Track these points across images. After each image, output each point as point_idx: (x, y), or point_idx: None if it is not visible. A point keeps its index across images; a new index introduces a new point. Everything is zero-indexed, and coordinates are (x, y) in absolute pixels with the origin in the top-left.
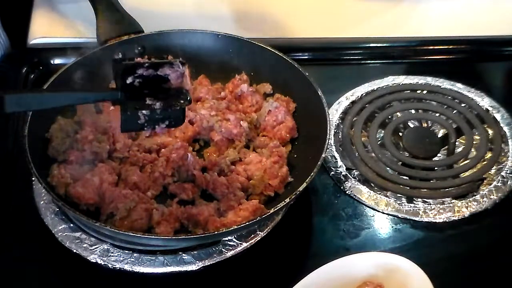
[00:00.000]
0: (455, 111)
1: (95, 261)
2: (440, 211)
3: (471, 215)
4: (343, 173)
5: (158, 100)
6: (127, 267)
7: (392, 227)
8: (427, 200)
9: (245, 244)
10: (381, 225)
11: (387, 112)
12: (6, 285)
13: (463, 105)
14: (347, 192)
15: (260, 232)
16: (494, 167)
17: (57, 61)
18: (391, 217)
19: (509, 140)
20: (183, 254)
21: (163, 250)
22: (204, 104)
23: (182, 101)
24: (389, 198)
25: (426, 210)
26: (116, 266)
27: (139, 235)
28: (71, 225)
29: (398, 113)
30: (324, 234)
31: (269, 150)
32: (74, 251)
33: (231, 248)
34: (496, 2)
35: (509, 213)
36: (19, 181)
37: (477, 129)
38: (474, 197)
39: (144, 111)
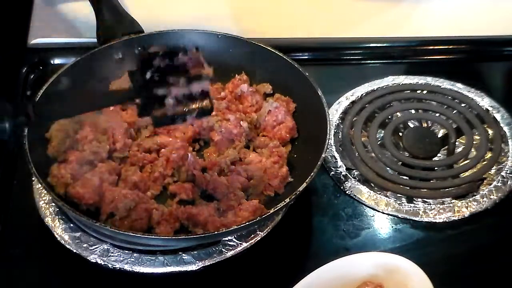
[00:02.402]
0: (455, 111)
1: (95, 261)
2: (440, 211)
3: (471, 215)
4: (343, 173)
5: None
6: (127, 267)
7: (392, 227)
8: (427, 200)
9: (245, 244)
10: (381, 225)
11: (387, 112)
12: (6, 285)
13: (463, 105)
14: (347, 192)
15: (260, 232)
16: (494, 167)
17: (57, 61)
18: (391, 217)
19: (509, 140)
20: (183, 254)
21: (163, 250)
22: None
23: (204, 82)
24: (389, 198)
25: (426, 210)
26: (116, 266)
27: (139, 235)
28: (71, 225)
29: (398, 113)
30: (324, 234)
31: (269, 150)
32: (74, 251)
33: (231, 248)
34: (496, 2)
35: (509, 213)
36: (19, 181)
37: (477, 129)
38: (474, 197)
39: (170, 100)
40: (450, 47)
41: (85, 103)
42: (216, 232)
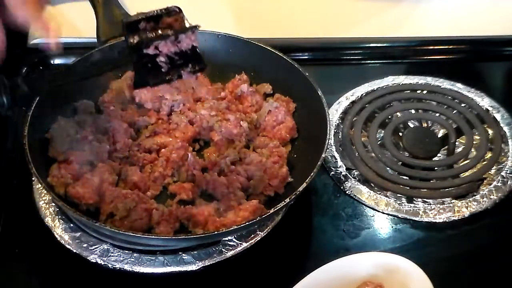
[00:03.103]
0: (455, 111)
1: (95, 261)
2: (440, 211)
3: (471, 215)
4: (343, 173)
5: (167, 39)
6: (127, 267)
7: (392, 227)
8: (427, 200)
9: (245, 244)
10: (381, 225)
11: (387, 112)
12: (6, 285)
13: (463, 105)
14: (347, 192)
15: (260, 232)
16: (494, 167)
17: (57, 61)
18: (391, 217)
19: (509, 140)
20: (183, 254)
21: (163, 250)
22: (204, 104)
23: (191, 33)
24: (389, 198)
25: (426, 210)
26: (116, 266)
27: (139, 235)
28: (71, 225)
29: (398, 113)
30: (324, 234)
31: (269, 150)
32: (74, 251)
33: (231, 248)
34: (496, 2)
35: (509, 213)
36: (19, 181)
37: (477, 129)
38: (474, 197)
39: (162, 58)
40: (450, 47)
41: (77, 72)
42: (216, 232)
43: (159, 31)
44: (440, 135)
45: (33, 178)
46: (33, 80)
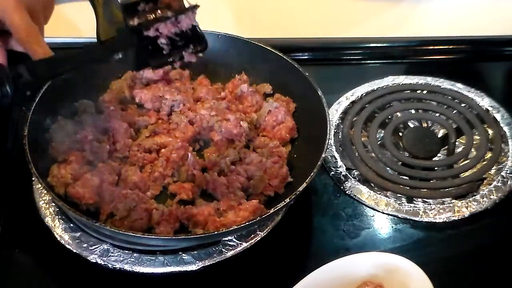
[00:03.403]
0: (455, 111)
1: (95, 261)
2: (440, 211)
3: (471, 215)
4: (343, 173)
5: (167, 21)
6: (127, 267)
7: (392, 227)
8: (427, 200)
9: (245, 244)
10: (381, 225)
11: (387, 112)
12: (6, 284)
13: (463, 105)
14: (347, 192)
15: (260, 232)
16: (494, 167)
17: None
18: (391, 217)
19: (509, 140)
20: (183, 254)
21: (163, 250)
22: (204, 104)
23: (190, 14)
24: (389, 198)
25: (426, 210)
26: (116, 266)
27: (139, 235)
28: (71, 225)
29: (398, 113)
30: (324, 234)
31: (269, 150)
32: (74, 251)
33: (231, 248)
34: (496, 2)
35: (509, 213)
36: (19, 181)
37: (477, 129)
38: (474, 197)
39: (163, 40)
40: (450, 47)
41: (79, 58)
42: (216, 232)
43: (159, 12)
44: (440, 135)
45: (33, 178)
46: (35, 67)
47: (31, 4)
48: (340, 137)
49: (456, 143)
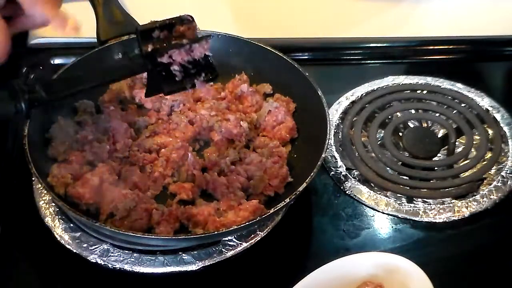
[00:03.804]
0: (455, 111)
1: (95, 261)
2: (440, 211)
3: (471, 215)
4: (343, 173)
5: (181, 48)
6: (127, 267)
7: (392, 227)
8: (427, 200)
9: (245, 244)
10: (381, 225)
11: (387, 112)
12: (6, 284)
13: (463, 105)
14: (347, 192)
15: (260, 232)
16: (494, 167)
17: (57, 61)
18: (391, 217)
19: (509, 140)
20: (183, 254)
21: (163, 250)
22: (204, 104)
23: (204, 43)
24: (389, 198)
25: (426, 210)
26: (116, 266)
27: (139, 235)
28: (71, 225)
29: (398, 113)
30: (324, 234)
31: (269, 150)
32: (74, 251)
33: (231, 248)
34: (496, 2)
35: (509, 213)
36: (19, 181)
37: (477, 129)
38: (474, 197)
39: (176, 67)
40: (450, 47)
41: (94, 77)
42: (216, 232)
43: (173, 40)
44: (440, 135)
45: (33, 178)
46: (51, 86)
47: None
48: (340, 137)
49: (456, 143)
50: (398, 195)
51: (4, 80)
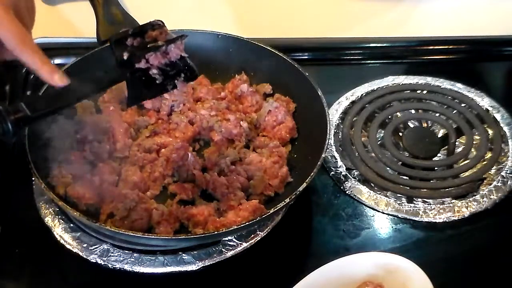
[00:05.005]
0: (455, 111)
1: (95, 261)
2: (440, 211)
3: (471, 215)
4: (343, 173)
5: (157, 50)
6: (127, 267)
7: (392, 227)
8: (427, 200)
9: (245, 244)
10: (381, 225)
11: (387, 112)
12: (6, 285)
13: (463, 105)
14: (347, 192)
15: (260, 232)
16: (494, 167)
17: (57, 61)
18: (391, 217)
19: (509, 140)
20: (183, 254)
21: (163, 250)
22: (204, 104)
23: (179, 43)
24: (389, 198)
25: (426, 210)
26: (116, 266)
27: (139, 235)
28: (71, 225)
29: (398, 113)
30: (324, 234)
31: (269, 150)
32: (74, 251)
33: (231, 248)
34: (496, 2)
35: (509, 213)
36: (19, 181)
37: (477, 129)
38: (474, 197)
39: (154, 70)
40: (450, 47)
41: (75, 94)
42: (216, 232)
43: (147, 46)
44: (440, 135)
45: (33, 178)
46: (34, 103)
47: (16, 8)
48: (340, 137)
49: (456, 143)
50: (398, 195)
51: (5, 80)
